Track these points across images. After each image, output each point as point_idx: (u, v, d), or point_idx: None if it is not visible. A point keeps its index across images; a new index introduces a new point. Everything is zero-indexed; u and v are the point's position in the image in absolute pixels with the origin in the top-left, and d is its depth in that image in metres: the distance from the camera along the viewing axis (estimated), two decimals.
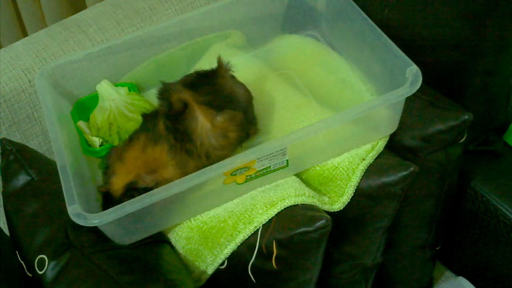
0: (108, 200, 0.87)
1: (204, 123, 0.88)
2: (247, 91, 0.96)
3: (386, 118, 0.96)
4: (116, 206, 0.81)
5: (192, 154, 0.88)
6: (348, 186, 0.94)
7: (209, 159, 0.89)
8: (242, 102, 0.94)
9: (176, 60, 1.09)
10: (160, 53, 1.07)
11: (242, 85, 0.96)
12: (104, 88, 1.03)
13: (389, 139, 0.99)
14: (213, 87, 0.92)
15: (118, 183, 0.87)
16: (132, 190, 0.85)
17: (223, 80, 0.93)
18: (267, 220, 0.89)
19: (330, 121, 0.88)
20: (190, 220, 0.92)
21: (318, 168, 0.97)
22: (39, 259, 0.83)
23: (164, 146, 0.87)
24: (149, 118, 0.92)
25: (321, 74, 1.07)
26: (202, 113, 0.88)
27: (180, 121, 0.88)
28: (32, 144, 1.10)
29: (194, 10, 1.13)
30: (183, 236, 0.92)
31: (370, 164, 0.95)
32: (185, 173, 0.85)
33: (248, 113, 0.95)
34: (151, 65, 1.07)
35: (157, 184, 0.85)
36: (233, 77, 0.95)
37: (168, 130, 0.88)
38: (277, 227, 0.88)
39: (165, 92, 0.91)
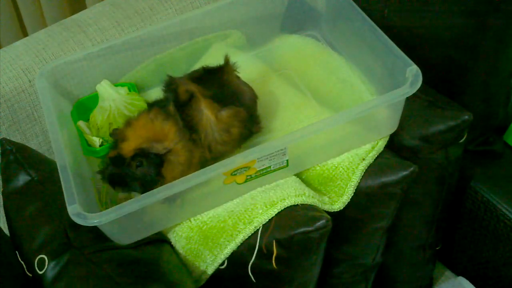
0: (117, 165, 0.86)
1: (208, 116, 0.88)
2: (252, 90, 0.96)
3: (386, 118, 0.96)
4: (116, 206, 0.81)
5: (197, 144, 0.88)
6: (348, 186, 0.94)
7: (211, 153, 0.90)
8: (247, 100, 0.94)
9: (176, 60, 1.09)
10: (160, 53, 1.07)
11: (247, 84, 0.96)
12: (104, 88, 1.03)
13: (389, 139, 0.99)
14: (219, 82, 0.92)
15: (128, 146, 0.85)
16: (142, 156, 0.85)
17: (229, 77, 0.94)
18: (267, 220, 0.89)
19: (330, 121, 0.88)
20: (190, 220, 0.92)
21: (318, 168, 0.97)
22: (39, 259, 0.83)
23: (173, 125, 0.87)
24: (155, 103, 0.92)
25: (321, 74, 1.07)
26: (207, 106, 0.88)
27: (185, 112, 0.88)
28: (32, 144, 1.10)
29: (194, 10, 1.13)
30: (183, 236, 0.91)
31: (370, 164, 0.95)
32: (191, 160, 0.86)
33: (252, 111, 0.95)
34: (151, 65, 1.08)
35: (168, 153, 0.85)
36: (238, 77, 0.95)
37: (178, 113, 0.88)
38: (277, 227, 0.88)
39: (171, 84, 0.91)
